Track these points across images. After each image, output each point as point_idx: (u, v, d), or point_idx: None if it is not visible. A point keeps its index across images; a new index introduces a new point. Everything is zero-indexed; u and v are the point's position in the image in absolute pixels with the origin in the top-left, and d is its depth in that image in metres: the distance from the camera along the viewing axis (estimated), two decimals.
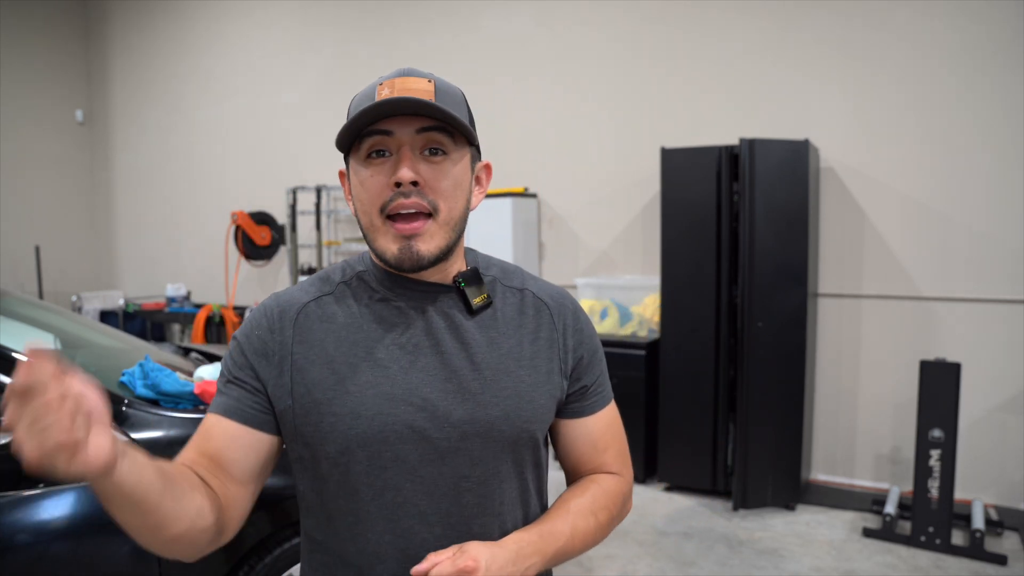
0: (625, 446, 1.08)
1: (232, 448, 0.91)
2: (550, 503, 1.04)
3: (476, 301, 0.95)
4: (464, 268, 0.98)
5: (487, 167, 1.00)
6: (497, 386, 0.93)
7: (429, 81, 0.90)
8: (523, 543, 0.90)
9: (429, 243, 0.89)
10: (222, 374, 0.96)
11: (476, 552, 0.84)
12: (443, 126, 0.88)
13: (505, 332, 0.96)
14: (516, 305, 0.99)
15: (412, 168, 0.87)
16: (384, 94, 0.87)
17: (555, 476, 1.26)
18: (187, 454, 0.92)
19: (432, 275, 0.95)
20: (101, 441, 0.65)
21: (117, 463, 0.69)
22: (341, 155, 0.95)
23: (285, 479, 1.31)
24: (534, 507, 1.01)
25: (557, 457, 1.08)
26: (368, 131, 0.88)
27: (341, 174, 0.99)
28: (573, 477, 1.07)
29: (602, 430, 1.04)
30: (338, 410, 0.89)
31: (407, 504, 0.91)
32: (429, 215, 0.89)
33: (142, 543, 0.82)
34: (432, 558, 0.83)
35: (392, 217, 0.89)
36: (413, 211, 0.88)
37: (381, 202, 0.88)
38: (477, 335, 0.95)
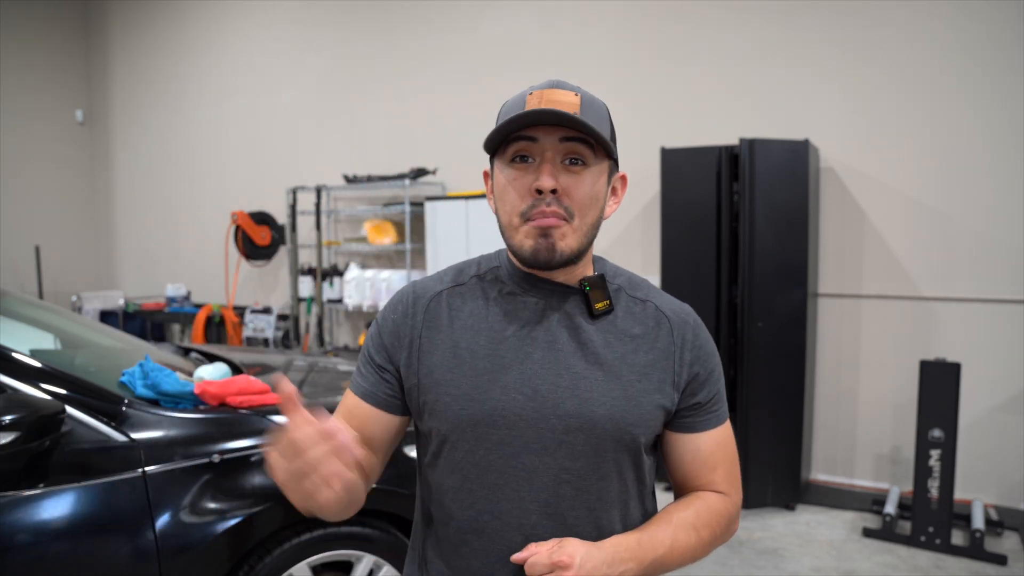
0: (737, 468, 1.10)
1: (369, 427, 1.03)
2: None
3: (598, 306, 1.00)
4: (591, 274, 1.03)
5: (623, 178, 1.04)
6: (607, 386, 0.97)
7: (576, 95, 0.94)
8: (620, 547, 0.93)
9: (564, 241, 0.94)
10: (363, 352, 1.07)
11: (572, 549, 0.89)
12: (585, 138, 0.93)
13: (622, 339, 1.00)
14: (637, 315, 1.03)
15: (553, 176, 0.92)
16: (533, 103, 0.93)
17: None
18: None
19: (560, 276, 1.00)
20: (331, 494, 0.79)
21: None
22: (487, 156, 1.00)
23: None
24: (634, 513, 1.03)
25: (667, 471, 1.09)
26: (515, 136, 0.93)
27: (485, 174, 1.04)
28: (680, 492, 1.09)
29: (713, 448, 1.05)
30: (454, 391, 0.97)
31: (507, 487, 0.97)
32: (564, 220, 0.94)
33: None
34: (532, 548, 0.90)
35: (530, 219, 0.94)
36: (552, 218, 0.93)
37: (523, 206, 0.94)
38: (595, 337, 0.99)
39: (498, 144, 0.96)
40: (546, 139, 0.92)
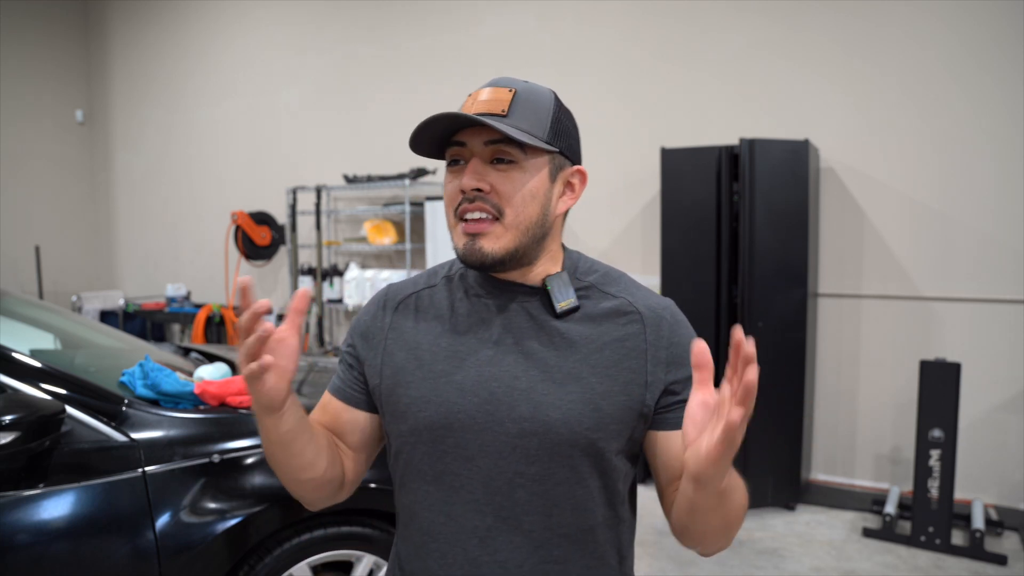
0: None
1: (339, 423, 1.06)
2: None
3: (562, 305, 0.98)
4: (559, 271, 1.01)
5: (580, 172, 1.03)
6: (564, 390, 0.94)
7: (510, 91, 0.95)
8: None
9: (495, 243, 0.94)
10: (340, 351, 1.11)
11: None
12: (508, 138, 0.93)
13: (587, 339, 0.97)
14: (606, 313, 0.99)
15: (474, 177, 0.93)
16: (466, 105, 0.96)
17: None
18: (314, 417, 1.07)
19: (519, 276, 1.00)
20: (279, 384, 0.87)
21: (285, 407, 0.91)
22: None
23: None
24: (599, 518, 0.98)
25: (657, 475, 1.01)
26: (450, 141, 0.96)
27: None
28: (672, 492, 0.99)
29: None
30: (413, 393, 0.98)
31: (463, 490, 0.96)
32: (495, 218, 0.94)
33: (283, 481, 1.01)
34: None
35: (463, 218, 0.96)
36: (478, 216, 0.94)
37: (454, 205, 0.96)
38: (557, 338, 0.97)
39: (438, 150, 0.99)
40: (472, 142, 0.94)
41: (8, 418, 1.64)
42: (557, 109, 0.98)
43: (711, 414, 0.83)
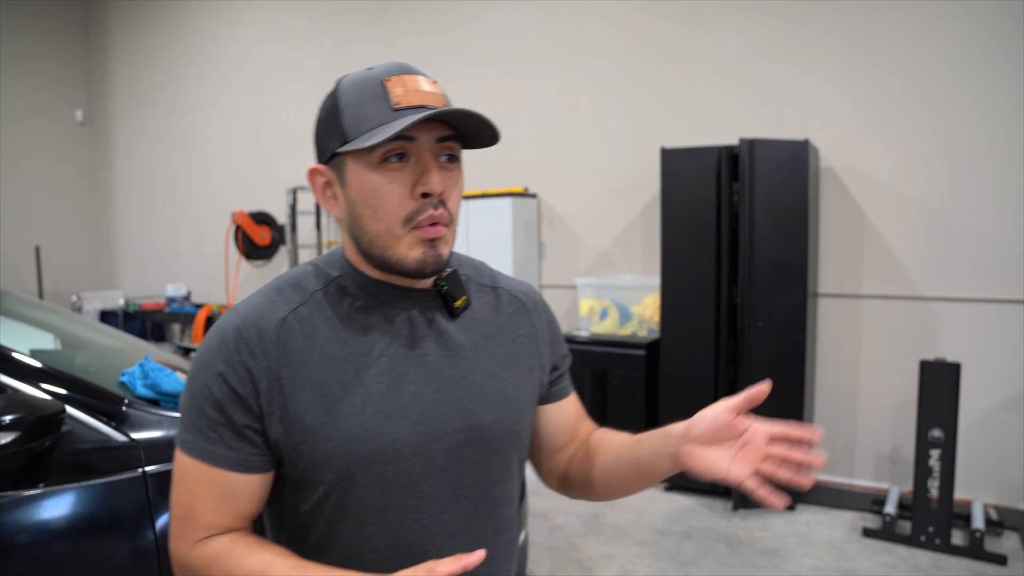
0: None
1: (257, 500, 0.91)
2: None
3: (458, 304, 0.95)
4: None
5: None
6: (486, 391, 0.94)
7: (435, 83, 0.88)
8: None
9: (446, 249, 0.89)
10: (202, 409, 0.87)
11: None
12: (457, 135, 0.87)
13: (488, 333, 0.98)
14: (492, 304, 1.01)
15: (440, 179, 0.85)
16: (398, 95, 0.85)
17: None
18: (224, 520, 0.88)
19: (417, 281, 0.93)
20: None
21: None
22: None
23: None
24: (517, 496, 1.05)
25: (542, 443, 1.10)
26: (396, 134, 0.83)
27: (313, 171, 0.92)
28: (559, 455, 1.10)
29: (577, 402, 1.13)
30: (334, 435, 0.86)
31: (408, 519, 0.91)
32: (446, 225, 0.88)
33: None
34: None
35: (417, 226, 0.86)
36: (439, 225, 0.87)
37: (405, 212, 0.85)
38: (461, 339, 0.95)
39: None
40: (425, 138, 0.84)
41: (8, 418, 1.64)
42: None
43: (729, 432, 0.89)
